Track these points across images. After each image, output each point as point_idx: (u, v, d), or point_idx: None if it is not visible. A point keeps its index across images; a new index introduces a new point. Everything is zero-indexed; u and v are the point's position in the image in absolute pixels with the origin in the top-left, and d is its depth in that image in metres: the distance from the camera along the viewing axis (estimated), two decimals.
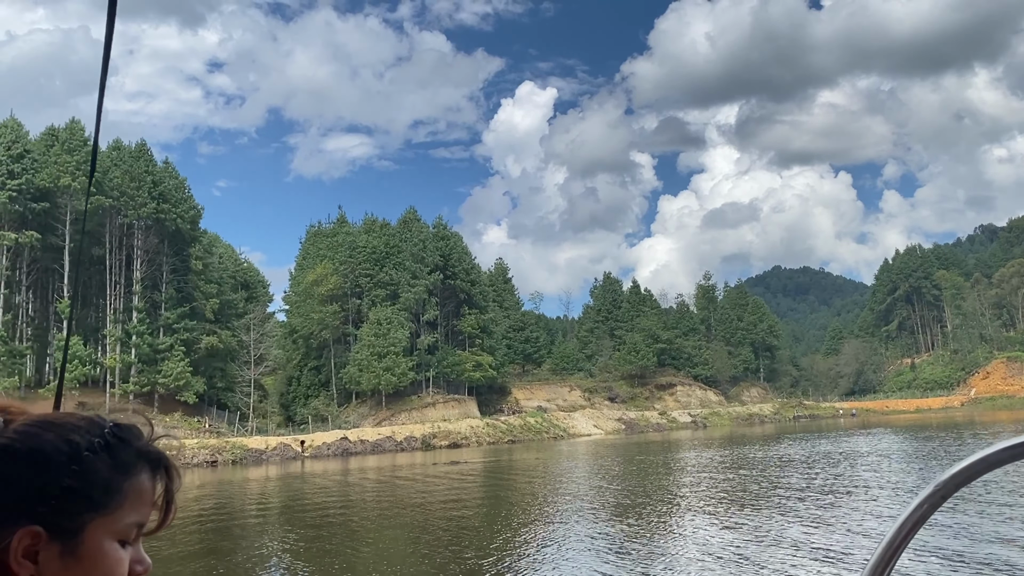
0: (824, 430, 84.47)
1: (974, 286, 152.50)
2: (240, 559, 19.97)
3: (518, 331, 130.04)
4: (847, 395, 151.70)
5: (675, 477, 35.84)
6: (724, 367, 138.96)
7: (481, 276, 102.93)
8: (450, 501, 30.64)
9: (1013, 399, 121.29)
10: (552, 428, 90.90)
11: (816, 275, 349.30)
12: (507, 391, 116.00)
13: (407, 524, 25.39)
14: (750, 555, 16.46)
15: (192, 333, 78.56)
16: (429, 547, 20.22)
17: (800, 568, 14.97)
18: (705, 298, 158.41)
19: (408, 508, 29.86)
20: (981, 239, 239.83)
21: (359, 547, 21.10)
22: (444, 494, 33.48)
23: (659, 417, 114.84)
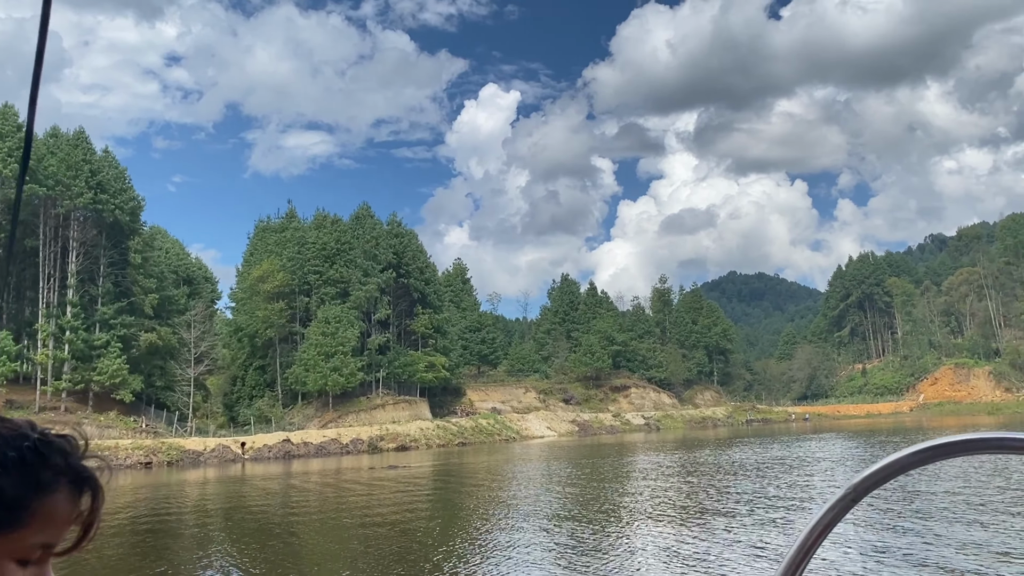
0: (777, 434, 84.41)
1: (924, 294, 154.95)
2: (174, 569, 18.23)
3: (474, 332, 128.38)
4: (800, 399, 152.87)
5: (623, 483, 34.54)
6: (678, 370, 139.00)
7: (436, 275, 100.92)
8: (383, 508, 28.92)
9: (960, 405, 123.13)
10: (504, 430, 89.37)
11: (771, 281, 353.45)
12: (461, 392, 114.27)
13: (345, 530, 23.63)
14: (694, 566, 15.15)
15: (130, 329, 75.34)
16: (370, 556, 18.66)
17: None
18: (661, 301, 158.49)
19: (346, 514, 28.06)
20: (931, 248, 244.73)
21: (300, 553, 19.67)
22: (379, 500, 31.71)
23: (613, 419, 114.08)
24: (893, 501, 22.17)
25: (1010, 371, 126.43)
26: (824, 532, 1.16)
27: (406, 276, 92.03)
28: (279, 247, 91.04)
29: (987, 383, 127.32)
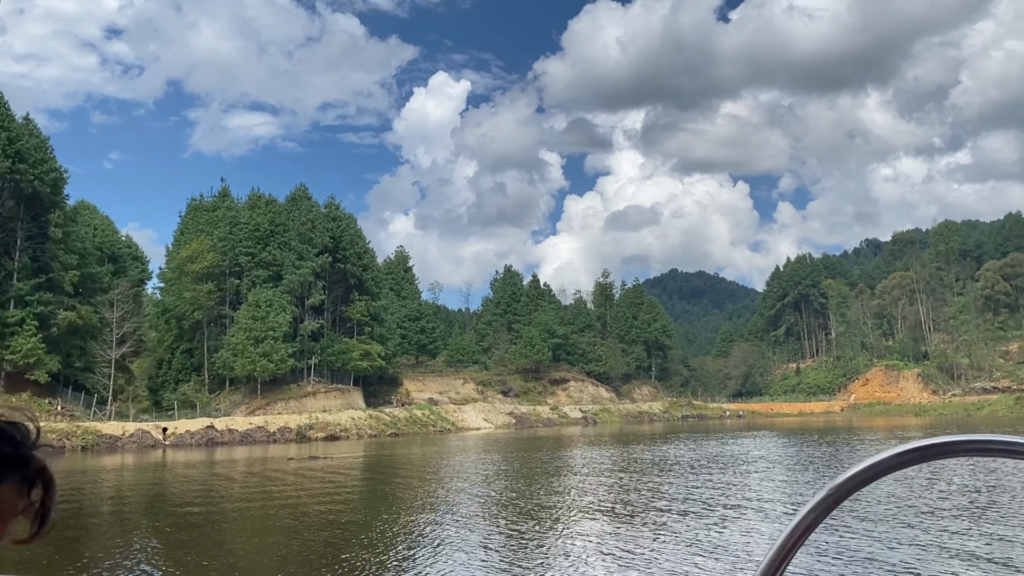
0: (711, 431, 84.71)
1: (858, 296, 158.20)
2: (87, 562, 16.71)
3: (414, 321, 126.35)
4: (735, 396, 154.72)
5: (555, 479, 33.38)
6: (617, 364, 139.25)
7: (375, 261, 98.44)
8: (300, 500, 27.19)
9: (889, 406, 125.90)
10: (439, 421, 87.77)
11: (711, 280, 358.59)
12: (398, 382, 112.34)
13: (263, 522, 21.87)
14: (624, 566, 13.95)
15: (48, 307, 71.35)
16: (287, 550, 17.09)
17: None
18: (603, 296, 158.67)
19: (261, 506, 26.24)
20: (866, 252, 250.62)
21: (221, 544, 18.41)
22: (290, 493, 29.95)
23: (550, 412, 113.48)
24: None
25: (937, 374, 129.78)
26: (804, 534, 1.13)
27: (343, 261, 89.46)
28: (210, 227, 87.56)
29: (916, 385, 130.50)
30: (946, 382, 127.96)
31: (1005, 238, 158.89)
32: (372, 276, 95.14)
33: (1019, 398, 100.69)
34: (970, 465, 31.26)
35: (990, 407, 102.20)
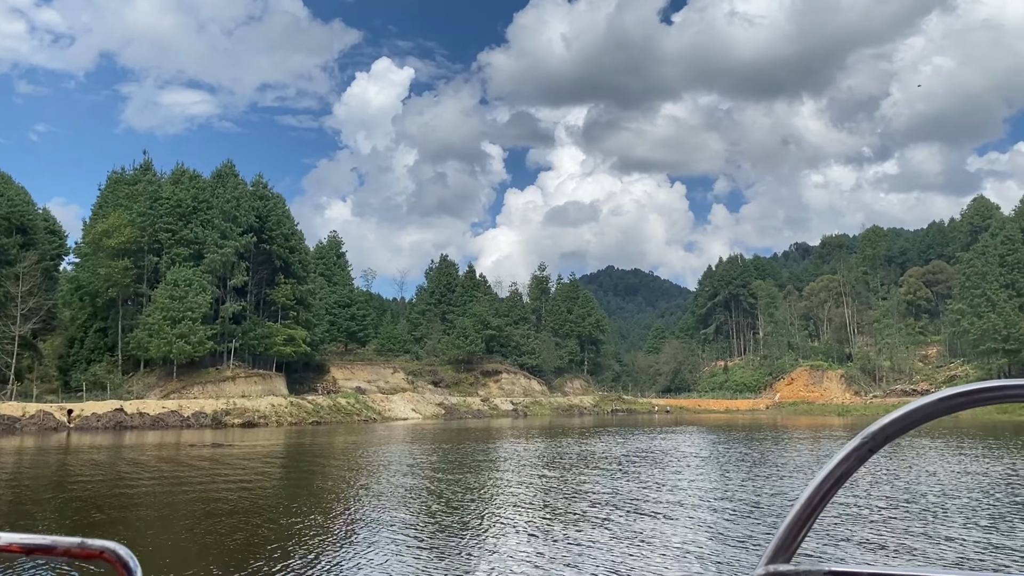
0: (640, 425, 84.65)
1: (786, 297, 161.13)
2: None
3: (344, 307, 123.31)
4: (664, 392, 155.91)
5: (476, 473, 31.90)
6: (550, 358, 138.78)
7: (302, 243, 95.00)
8: (198, 488, 25.08)
9: (812, 405, 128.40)
10: (365, 410, 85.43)
11: (646, 277, 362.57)
12: (325, 370, 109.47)
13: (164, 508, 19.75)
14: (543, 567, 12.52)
15: None
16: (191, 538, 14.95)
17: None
18: (538, 289, 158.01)
19: (155, 494, 24.03)
20: (795, 256, 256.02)
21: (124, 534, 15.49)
22: (181, 480, 27.76)
23: (481, 404, 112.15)
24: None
25: (860, 375, 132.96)
26: (836, 485, 1.08)
27: (269, 242, 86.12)
28: (130, 201, 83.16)
29: (839, 385, 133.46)
30: (868, 383, 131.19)
31: (928, 246, 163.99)
32: (299, 259, 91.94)
33: None
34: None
35: None
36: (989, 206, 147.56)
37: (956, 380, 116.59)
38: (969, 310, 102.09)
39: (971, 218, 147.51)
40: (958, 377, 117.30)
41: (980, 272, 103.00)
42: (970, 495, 22.75)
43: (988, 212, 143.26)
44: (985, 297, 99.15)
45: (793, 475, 28.13)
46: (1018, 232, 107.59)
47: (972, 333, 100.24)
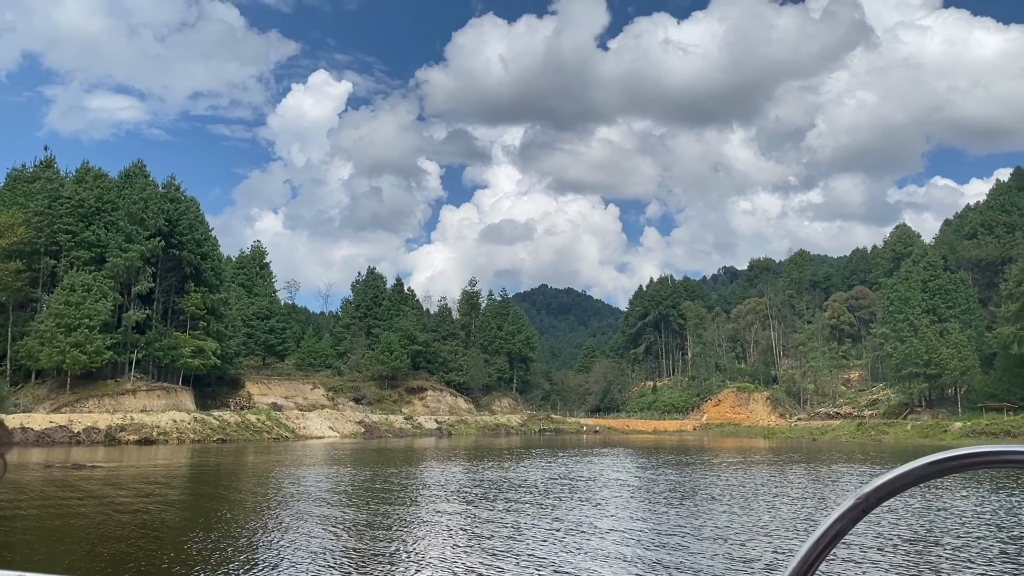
0: (568, 446, 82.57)
1: (714, 319, 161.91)
2: None
3: (263, 319, 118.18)
4: (593, 412, 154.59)
5: (375, 503, 28.69)
6: (479, 375, 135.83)
7: (216, 250, 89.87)
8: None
9: (738, 427, 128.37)
10: (276, 428, 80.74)
11: (578, 297, 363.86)
12: (240, 384, 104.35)
13: None
14: None
15: None
16: None
17: None
18: (468, 304, 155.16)
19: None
20: (723, 279, 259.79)
21: None
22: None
23: (404, 422, 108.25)
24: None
25: (785, 398, 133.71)
26: (830, 545, 1.07)
27: (179, 247, 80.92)
28: (27, 199, 77.15)
29: (764, 407, 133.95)
30: (793, 406, 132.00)
31: (852, 272, 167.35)
32: (212, 266, 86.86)
33: (860, 424, 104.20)
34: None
35: (833, 432, 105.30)
36: (911, 234, 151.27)
37: (878, 404, 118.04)
38: (892, 334, 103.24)
39: (893, 245, 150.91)
40: (880, 401, 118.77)
41: (903, 297, 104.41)
42: (960, 536, 20.70)
43: (910, 240, 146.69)
44: (908, 322, 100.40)
45: (733, 515, 25.77)
46: (939, 259, 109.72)
47: (895, 357, 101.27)
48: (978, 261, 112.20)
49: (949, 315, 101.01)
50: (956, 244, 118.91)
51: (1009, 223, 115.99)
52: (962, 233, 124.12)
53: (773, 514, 25.07)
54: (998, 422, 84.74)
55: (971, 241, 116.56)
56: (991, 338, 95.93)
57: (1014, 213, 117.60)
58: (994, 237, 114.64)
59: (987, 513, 24.71)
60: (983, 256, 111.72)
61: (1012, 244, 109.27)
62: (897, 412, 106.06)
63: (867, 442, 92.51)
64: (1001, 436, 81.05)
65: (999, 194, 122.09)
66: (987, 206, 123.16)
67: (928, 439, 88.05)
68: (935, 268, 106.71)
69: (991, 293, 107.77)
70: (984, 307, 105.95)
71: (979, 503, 27.34)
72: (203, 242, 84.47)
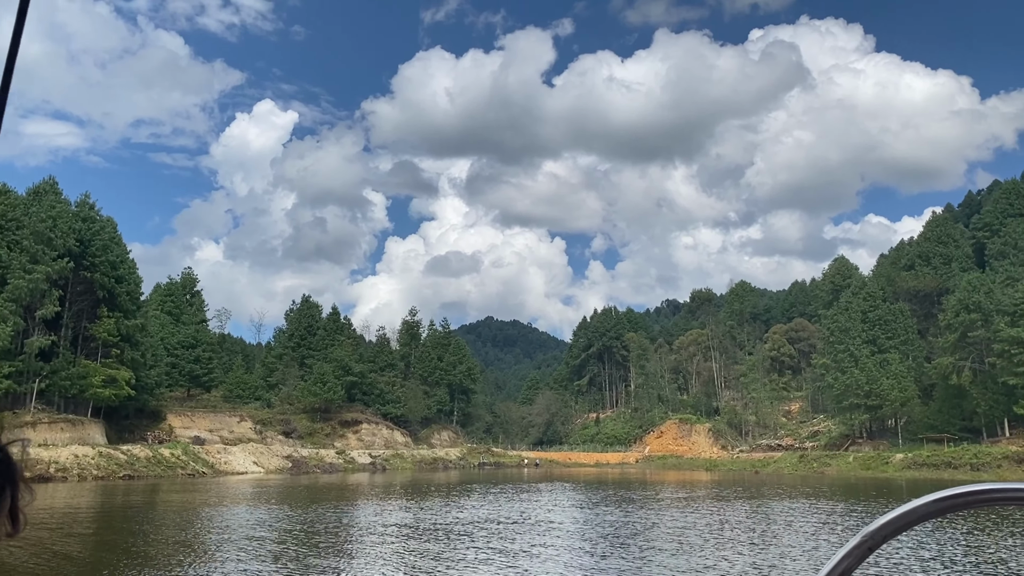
0: (508, 480, 79.50)
1: (657, 350, 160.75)
2: None
3: (188, 348, 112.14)
4: (536, 444, 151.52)
5: (220, 563, 24.96)
6: (418, 407, 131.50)
7: (133, 274, 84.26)
8: None
9: (681, 459, 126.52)
10: (193, 463, 75.39)
11: (524, 329, 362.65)
12: (161, 416, 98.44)
13: None
14: None
15: None
16: None
17: None
18: (409, 334, 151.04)
19: None
20: (666, 312, 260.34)
21: None
22: None
23: (336, 456, 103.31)
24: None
25: (727, 429, 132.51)
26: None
27: (90, 269, 75.51)
28: None
29: (706, 439, 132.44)
30: (734, 438, 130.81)
31: (791, 304, 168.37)
32: (128, 290, 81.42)
33: (802, 456, 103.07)
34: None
35: (775, 464, 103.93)
36: (849, 266, 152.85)
37: (819, 435, 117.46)
38: (833, 365, 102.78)
39: (832, 277, 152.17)
40: (821, 432, 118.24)
41: (843, 327, 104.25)
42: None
43: (848, 272, 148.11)
44: (848, 352, 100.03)
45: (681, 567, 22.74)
46: (879, 290, 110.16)
47: (836, 388, 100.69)
48: (916, 292, 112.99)
49: (889, 346, 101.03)
50: (894, 276, 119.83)
51: (946, 255, 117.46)
52: (899, 265, 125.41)
53: (729, 564, 22.19)
54: (939, 453, 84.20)
55: (909, 272, 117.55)
56: (930, 369, 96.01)
57: (950, 245, 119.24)
58: (931, 268, 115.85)
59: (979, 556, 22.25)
60: (921, 287, 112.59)
61: (949, 275, 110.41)
62: (838, 444, 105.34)
63: (809, 474, 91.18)
64: (942, 467, 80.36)
65: (936, 226, 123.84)
66: (924, 237, 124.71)
67: (870, 471, 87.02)
68: (874, 298, 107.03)
69: (929, 324, 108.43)
70: (922, 338, 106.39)
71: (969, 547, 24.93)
72: (118, 264, 79.13)
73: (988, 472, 75.05)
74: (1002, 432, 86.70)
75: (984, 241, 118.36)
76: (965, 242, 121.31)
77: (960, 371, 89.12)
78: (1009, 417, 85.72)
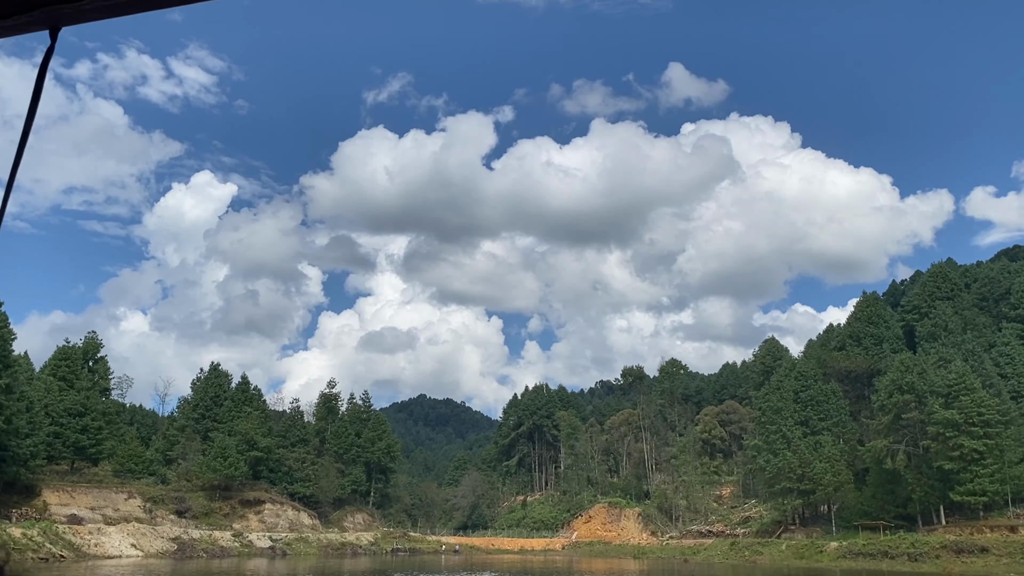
0: (423, 568, 72.28)
1: (588, 430, 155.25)
2: None
3: (75, 417, 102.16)
4: (460, 529, 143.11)
5: None
6: (331, 486, 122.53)
7: (5, 327, 75.90)
8: None
9: (609, 546, 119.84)
10: (49, 545, 65.89)
11: (457, 408, 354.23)
12: (35, 492, 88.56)
13: None
14: None
15: None
16: None
17: None
18: (326, 408, 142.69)
19: None
20: (600, 393, 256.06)
21: None
22: None
23: (231, 539, 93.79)
24: None
25: (657, 514, 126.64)
26: None
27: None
28: None
29: (636, 525, 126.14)
30: (665, 523, 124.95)
31: (722, 386, 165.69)
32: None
33: (733, 544, 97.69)
34: None
35: (706, 551, 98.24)
36: (779, 347, 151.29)
37: (751, 522, 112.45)
38: (765, 446, 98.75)
39: (763, 358, 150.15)
40: (752, 518, 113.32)
41: (775, 407, 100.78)
42: None
43: (779, 353, 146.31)
44: (780, 433, 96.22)
45: None
46: (810, 370, 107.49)
47: (768, 471, 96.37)
48: (848, 373, 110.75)
49: (821, 427, 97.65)
50: (825, 356, 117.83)
51: (876, 335, 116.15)
52: (830, 347, 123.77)
53: None
54: (874, 541, 79.82)
55: (840, 352, 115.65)
56: (864, 452, 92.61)
57: (881, 325, 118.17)
58: (862, 349, 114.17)
59: None
60: (852, 367, 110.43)
61: (880, 356, 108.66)
62: (771, 530, 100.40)
63: (740, 563, 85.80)
64: (879, 557, 75.86)
65: (866, 306, 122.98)
66: (855, 318, 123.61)
67: (804, 560, 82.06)
68: (806, 378, 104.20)
69: (861, 407, 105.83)
70: (855, 420, 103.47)
71: None
72: None
73: (927, 563, 70.75)
74: (938, 519, 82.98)
75: (913, 324, 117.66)
76: (895, 324, 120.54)
77: (894, 455, 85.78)
78: (944, 504, 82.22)
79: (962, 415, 78.65)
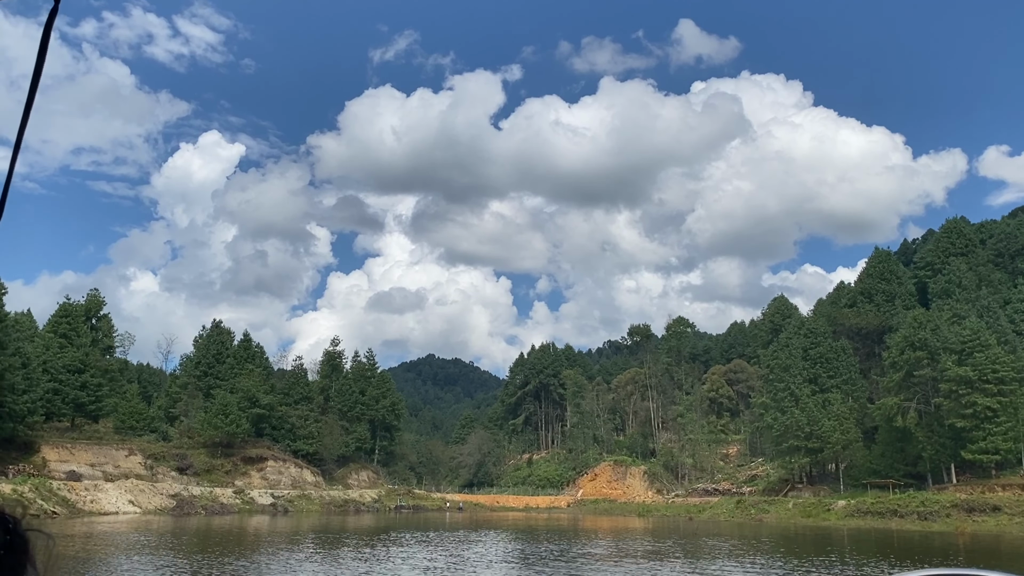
0: (424, 526, 71.38)
1: (595, 389, 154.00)
2: None
3: (75, 373, 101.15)
4: (466, 486, 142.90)
5: None
6: (334, 444, 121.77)
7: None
8: None
9: (614, 503, 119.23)
10: (41, 501, 65.00)
11: (466, 367, 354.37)
12: (34, 448, 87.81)
13: None
14: None
15: None
16: None
17: None
18: (330, 366, 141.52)
19: None
20: (608, 353, 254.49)
21: None
22: None
23: (232, 496, 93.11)
24: None
25: (662, 472, 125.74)
26: None
27: None
28: None
29: (641, 483, 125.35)
30: (670, 481, 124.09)
31: (730, 345, 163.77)
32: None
33: (739, 502, 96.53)
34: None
35: (711, 509, 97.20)
36: (789, 306, 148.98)
37: (757, 479, 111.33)
38: (772, 404, 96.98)
39: (771, 317, 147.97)
40: (759, 477, 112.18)
41: (784, 365, 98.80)
42: None
43: (788, 311, 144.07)
44: (789, 391, 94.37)
45: None
46: (820, 327, 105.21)
47: (775, 429, 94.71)
48: (858, 330, 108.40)
49: (830, 385, 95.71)
50: (835, 313, 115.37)
51: (888, 291, 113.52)
52: (840, 304, 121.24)
53: None
54: (883, 500, 78.27)
55: (851, 309, 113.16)
56: (873, 410, 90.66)
57: (893, 282, 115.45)
58: (874, 305, 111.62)
59: None
60: (863, 324, 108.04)
61: (892, 313, 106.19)
62: (777, 489, 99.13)
63: (746, 521, 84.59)
64: (887, 516, 74.35)
65: (878, 262, 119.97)
66: (867, 274, 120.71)
67: (811, 518, 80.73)
68: (816, 335, 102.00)
69: (871, 364, 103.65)
70: (865, 378, 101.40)
71: None
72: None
73: (937, 521, 69.16)
74: (949, 478, 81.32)
75: (926, 281, 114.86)
76: (908, 280, 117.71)
77: (905, 412, 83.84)
78: (956, 462, 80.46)
79: (976, 372, 76.48)
